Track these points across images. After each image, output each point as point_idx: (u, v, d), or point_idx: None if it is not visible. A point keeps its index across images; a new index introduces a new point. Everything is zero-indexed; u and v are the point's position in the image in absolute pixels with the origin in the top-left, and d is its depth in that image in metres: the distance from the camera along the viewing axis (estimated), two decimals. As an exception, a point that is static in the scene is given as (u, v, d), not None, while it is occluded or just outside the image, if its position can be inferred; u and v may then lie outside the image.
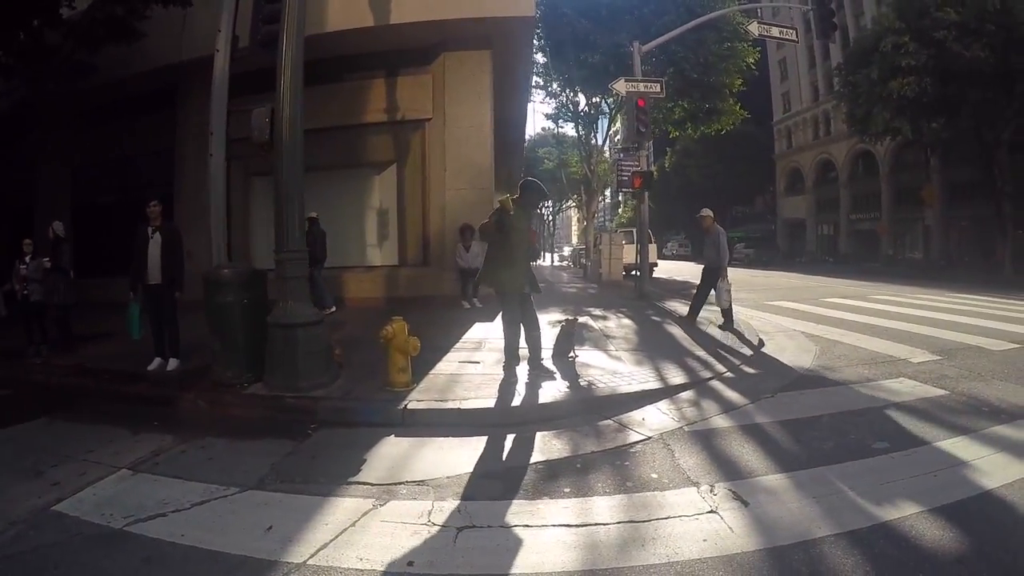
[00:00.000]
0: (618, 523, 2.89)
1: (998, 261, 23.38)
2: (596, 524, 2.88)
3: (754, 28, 13.45)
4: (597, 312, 10.63)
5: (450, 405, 4.83)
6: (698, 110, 20.78)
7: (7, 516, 3.10)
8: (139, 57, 11.17)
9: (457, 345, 7.28)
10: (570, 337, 6.45)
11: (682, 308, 11.51)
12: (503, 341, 5.74)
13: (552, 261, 41.49)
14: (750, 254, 40.73)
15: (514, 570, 2.52)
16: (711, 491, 3.21)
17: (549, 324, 8.59)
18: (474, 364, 6.24)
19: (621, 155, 14.54)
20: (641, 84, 12.65)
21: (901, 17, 21.24)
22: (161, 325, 6.41)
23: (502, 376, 5.59)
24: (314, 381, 5.31)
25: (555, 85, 22.37)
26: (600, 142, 24.33)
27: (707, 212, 9.12)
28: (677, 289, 16.63)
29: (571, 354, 6.34)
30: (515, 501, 3.20)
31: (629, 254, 18.78)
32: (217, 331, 5.63)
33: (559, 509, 3.08)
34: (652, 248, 18.39)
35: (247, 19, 6.74)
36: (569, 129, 27.23)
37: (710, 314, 9.43)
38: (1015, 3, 18.41)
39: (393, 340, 5.14)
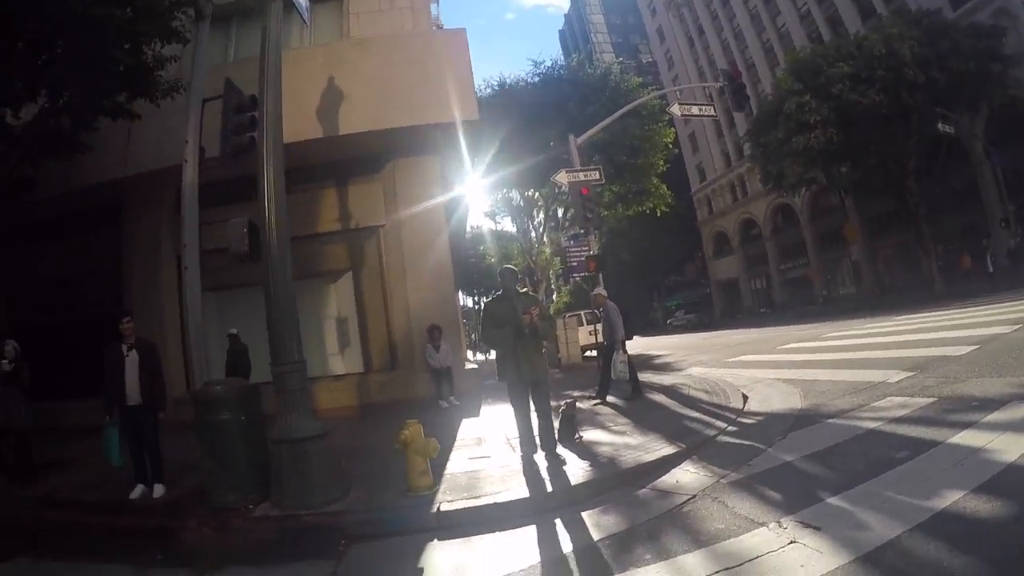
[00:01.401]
0: (717, 572, 2.96)
1: (927, 279, 25.37)
2: None
3: (675, 109, 14.90)
4: (576, 394, 10.80)
5: (484, 501, 4.75)
6: (627, 192, 22.18)
7: None
8: (82, 172, 11.08)
9: (456, 444, 7.20)
10: (572, 420, 6.59)
11: (654, 378, 11.89)
12: (512, 432, 5.77)
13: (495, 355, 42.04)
14: (691, 319, 43.39)
15: None
16: (780, 526, 3.39)
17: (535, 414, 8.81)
18: (485, 459, 6.17)
19: (571, 243, 15.28)
20: (581, 173, 13.57)
21: (798, 79, 24.04)
22: (142, 449, 6.01)
23: (519, 467, 5.58)
24: (328, 496, 5.11)
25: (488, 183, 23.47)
26: (539, 233, 25.34)
27: (600, 291, 9.90)
28: (642, 362, 17.04)
29: (576, 436, 6.48)
30: None
31: (583, 336, 19.28)
32: (214, 452, 5.33)
33: (653, 574, 3.12)
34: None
35: (209, 131, 6.93)
36: (507, 223, 28.34)
37: (686, 380, 9.79)
38: (899, 46, 21.23)
39: (412, 444, 5.08)
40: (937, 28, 23.03)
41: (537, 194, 23.50)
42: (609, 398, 9.32)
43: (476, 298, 47.42)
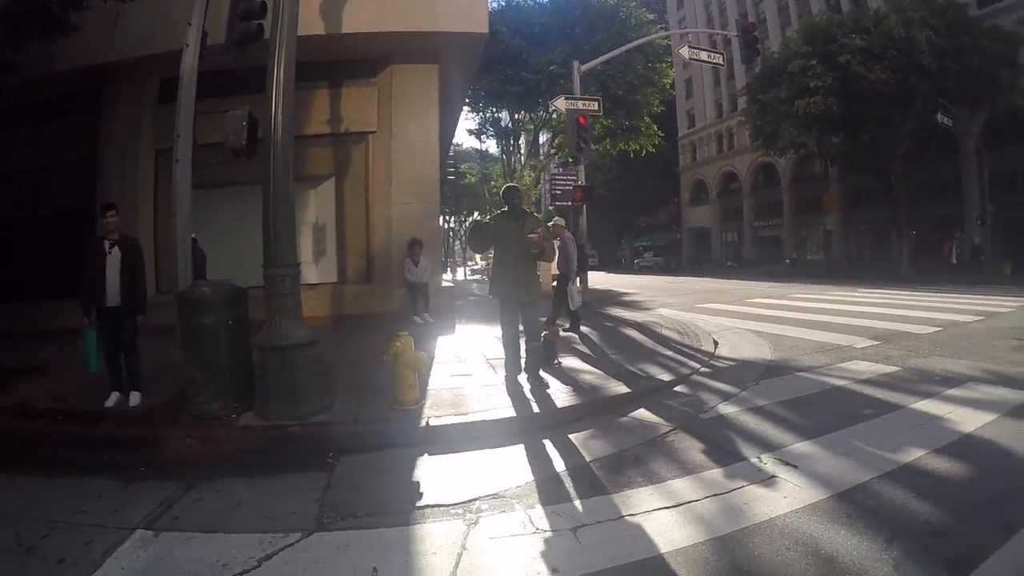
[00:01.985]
0: (707, 498, 3.18)
1: (895, 259, 26.26)
2: (689, 502, 3.15)
3: (685, 52, 14.61)
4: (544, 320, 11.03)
5: (471, 418, 4.81)
6: (618, 127, 21.90)
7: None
8: (63, 55, 10.23)
9: (436, 360, 7.25)
10: (554, 346, 6.76)
11: (626, 314, 12.25)
12: (490, 352, 5.83)
13: (465, 275, 42.47)
14: (659, 262, 44.21)
15: (658, 551, 2.67)
16: (760, 461, 3.66)
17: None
18: (466, 377, 6.27)
19: (559, 170, 15.20)
20: (580, 102, 13.40)
21: (809, 42, 23.70)
22: (118, 354, 5.70)
23: (502, 387, 5.69)
24: (315, 406, 5.00)
25: (480, 101, 22.84)
26: (522, 158, 25.00)
27: (558, 221, 10.05)
28: (612, 298, 17.45)
29: (556, 361, 6.67)
30: (603, 496, 3.33)
31: (555, 265, 19.43)
32: (198, 358, 5.08)
33: (647, 496, 3.28)
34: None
35: (211, 16, 6.49)
36: (491, 145, 27.80)
37: (657, 319, 10.07)
38: (918, 31, 21.04)
39: (402, 356, 5.03)
40: (960, 22, 22.73)
41: (529, 117, 23.02)
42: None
43: (451, 217, 47.04)
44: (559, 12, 19.75)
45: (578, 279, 9.51)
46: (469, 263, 50.89)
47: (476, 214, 44.98)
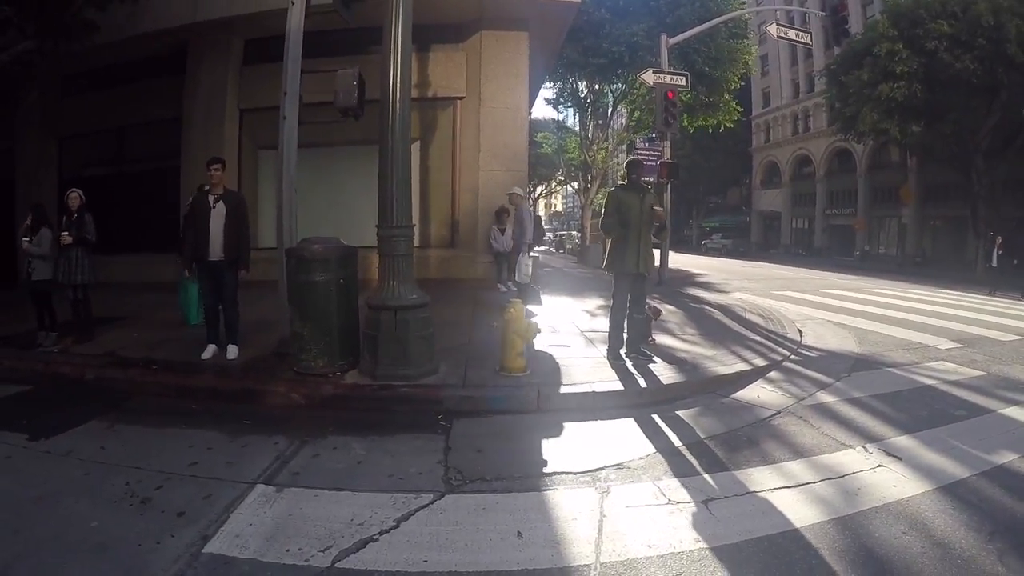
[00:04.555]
0: (822, 480, 3.48)
1: (971, 259, 25.35)
2: (807, 483, 3.43)
3: (772, 30, 14.38)
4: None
5: (581, 389, 5.04)
6: (697, 104, 21.62)
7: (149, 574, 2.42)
8: (148, 16, 10.81)
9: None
10: (650, 322, 7.04)
11: (706, 295, 12.54)
12: (583, 324, 5.97)
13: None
14: (727, 244, 43.46)
15: (788, 526, 2.90)
16: (866, 450, 4.03)
17: (599, 308, 9.40)
18: (565, 347, 6.57)
19: (645, 144, 15.30)
20: (667, 76, 13.43)
21: (895, 25, 22.79)
22: (217, 308, 5.85)
23: (603, 359, 6.00)
24: (423, 368, 5.13)
25: (559, 70, 22.83)
26: (599, 129, 24.95)
27: (517, 190, 10.28)
28: (687, 279, 17.68)
29: (650, 338, 6.96)
30: (725, 472, 3.59)
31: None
32: (306, 315, 5.17)
33: (767, 475, 3.55)
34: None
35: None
36: (568, 115, 27.74)
37: (737, 302, 10.30)
38: (1007, 20, 20.04)
39: (512, 323, 5.20)
40: None
41: (608, 89, 22.95)
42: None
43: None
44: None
45: (529, 251, 9.65)
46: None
47: (553, 183, 44.86)
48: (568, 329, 7.76)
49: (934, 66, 21.25)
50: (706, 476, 3.57)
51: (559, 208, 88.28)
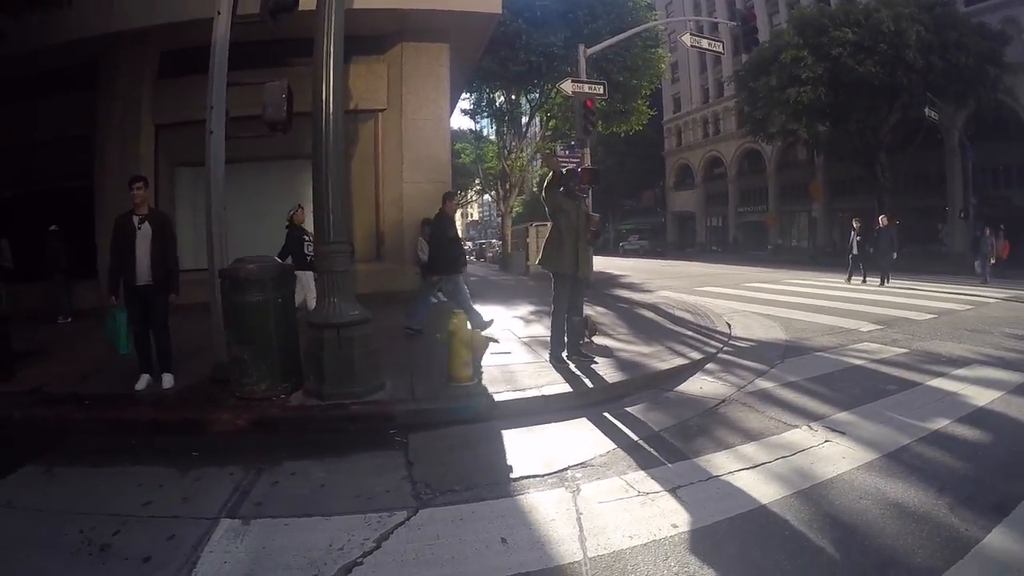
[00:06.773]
0: (777, 459, 3.63)
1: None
2: (763, 464, 3.58)
3: (686, 39, 15.03)
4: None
5: (531, 393, 5.08)
6: (612, 111, 22.28)
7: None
8: (58, 26, 10.20)
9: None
10: (586, 323, 7.10)
11: (632, 295, 12.81)
12: (519, 331, 6.01)
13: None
14: (644, 245, 45.77)
15: (755, 503, 3.05)
16: (811, 429, 4.19)
17: (531, 315, 9.56)
18: (506, 355, 6.55)
19: (565, 151, 15.55)
20: (586, 85, 13.75)
21: (801, 33, 24.65)
22: (148, 335, 5.52)
23: (545, 364, 6.05)
24: (370, 385, 5.03)
25: (475, 81, 22.97)
26: (514, 139, 25.23)
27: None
28: (610, 280, 18.02)
29: (587, 338, 7.04)
30: (685, 461, 3.70)
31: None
32: (244, 337, 4.96)
33: (724, 459, 3.68)
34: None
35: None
36: (485, 125, 27.91)
37: (665, 300, 10.65)
38: (907, 26, 21.97)
39: (457, 334, 5.21)
40: (948, 18, 23.64)
41: (525, 99, 23.29)
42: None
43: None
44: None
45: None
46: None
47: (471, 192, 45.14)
48: (506, 336, 7.74)
49: (838, 70, 22.97)
50: (669, 466, 3.65)
51: (476, 217, 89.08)
